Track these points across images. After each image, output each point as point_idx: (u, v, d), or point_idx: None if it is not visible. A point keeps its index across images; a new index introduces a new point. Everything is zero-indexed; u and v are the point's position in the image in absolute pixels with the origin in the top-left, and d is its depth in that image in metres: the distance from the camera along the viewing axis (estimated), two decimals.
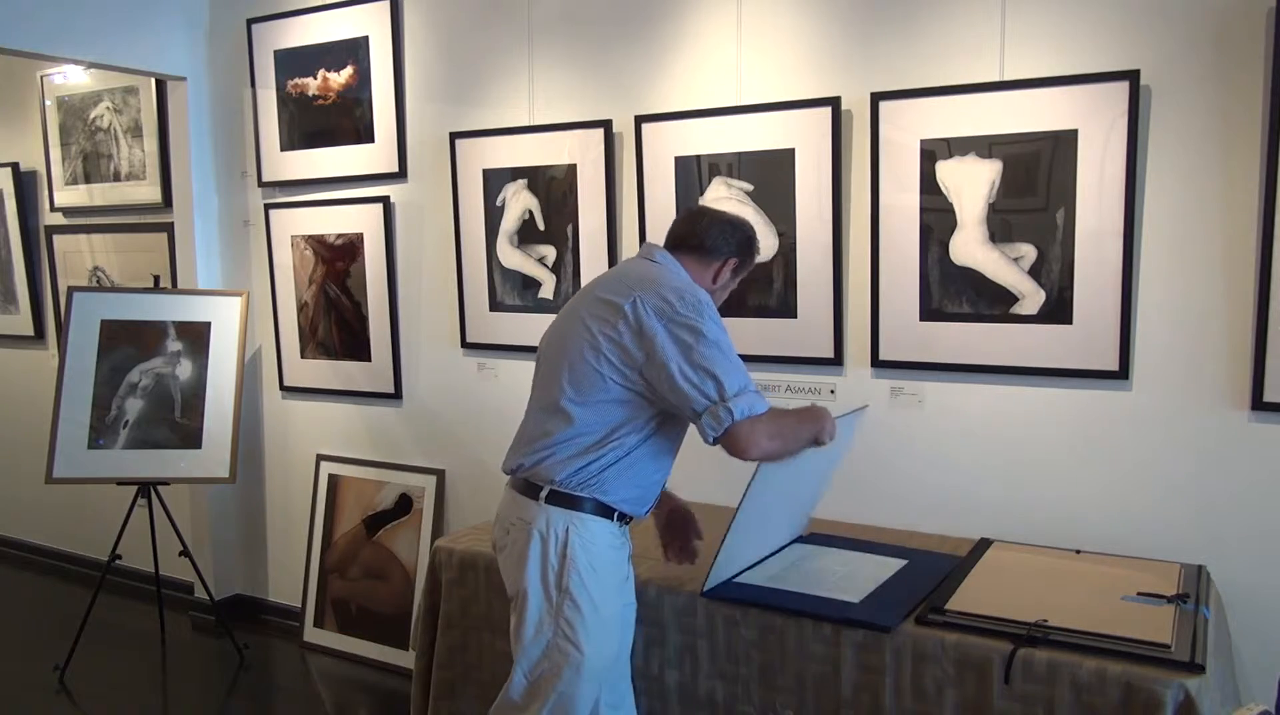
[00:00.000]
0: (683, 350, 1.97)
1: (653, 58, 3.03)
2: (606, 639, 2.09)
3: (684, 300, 2.01)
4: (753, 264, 2.30)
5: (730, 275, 2.23)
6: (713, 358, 1.97)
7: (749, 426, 1.96)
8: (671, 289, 2.03)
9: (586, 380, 2.04)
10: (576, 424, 2.06)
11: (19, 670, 3.75)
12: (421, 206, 3.56)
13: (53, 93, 4.59)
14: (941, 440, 2.71)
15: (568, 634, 2.06)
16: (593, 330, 2.05)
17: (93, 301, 3.78)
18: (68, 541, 4.94)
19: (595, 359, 2.03)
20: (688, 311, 1.99)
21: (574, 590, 2.05)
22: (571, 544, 2.05)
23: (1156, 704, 1.76)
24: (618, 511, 2.11)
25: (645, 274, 2.10)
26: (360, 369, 3.76)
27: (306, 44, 3.69)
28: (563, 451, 2.07)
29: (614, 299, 2.05)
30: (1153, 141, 2.38)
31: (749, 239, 2.25)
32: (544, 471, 2.08)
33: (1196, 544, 2.39)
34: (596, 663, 2.07)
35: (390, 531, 3.72)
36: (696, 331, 1.98)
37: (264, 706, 3.51)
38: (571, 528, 2.06)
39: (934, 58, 2.61)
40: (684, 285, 2.06)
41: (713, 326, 2.00)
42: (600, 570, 2.08)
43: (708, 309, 2.02)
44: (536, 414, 2.15)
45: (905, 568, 2.34)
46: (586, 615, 2.06)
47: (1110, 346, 2.45)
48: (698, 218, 2.25)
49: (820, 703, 2.09)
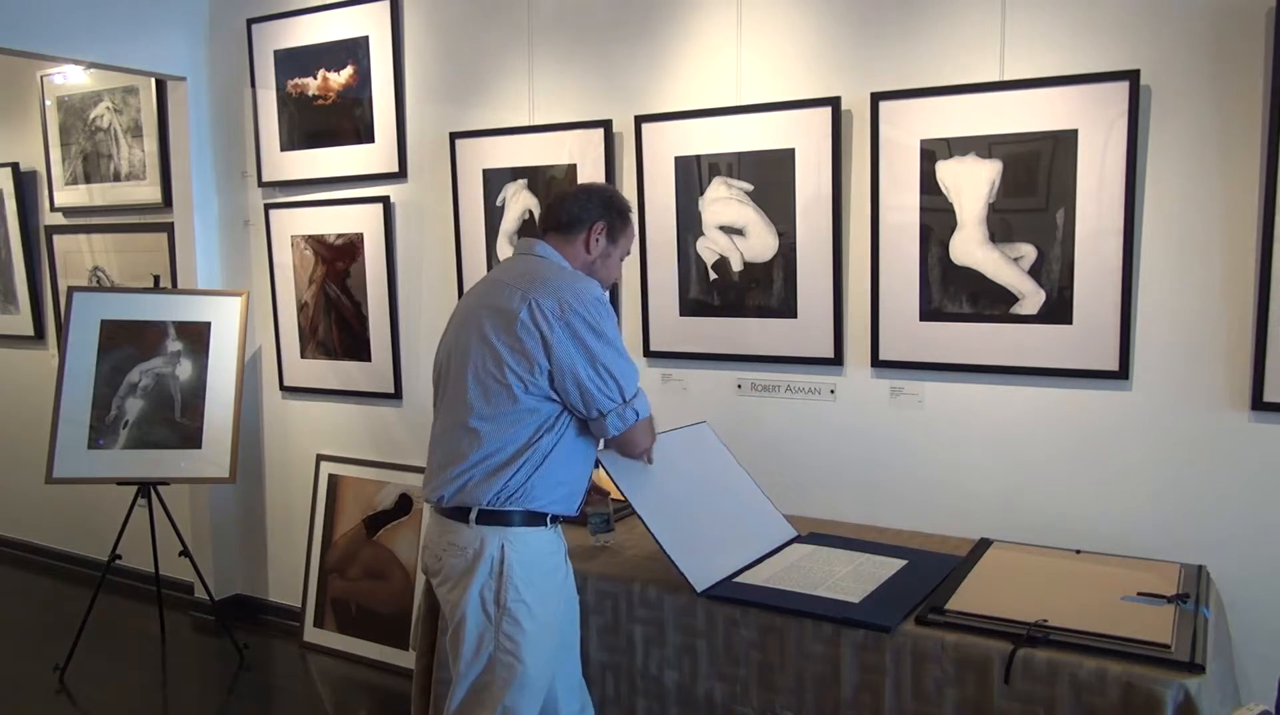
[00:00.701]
0: (585, 353, 2.00)
1: (653, 58, 3.03)
2: (546, 645, 2.11)
3: (580, 299, 2.01)
4: (627, 224, 2.23)
5: (606, 240, 2.19)
6: (612, 359, 2.03)
7: (643, 426, 2.12)
8: (567, 288, 2.03)
9: (493, 394, 2.02)
10: (489, 441, 2.03)
11: (19, 670, 3.75)
12: (421, 206, 3.56)
13: (53, 93, 4.59)
14: (941, 440, 2.71)
15: (509, 648, 2.06)
16: (491, 341, 2.02)
17: (93, 301, 3.78)
18: (68, 541, 4.94)
19: (499, 371, 2.01)
20: (585, 311, 2.00)
21: (512, 606, 2.04)
22: (508, 561, 2.04)
23: (1156, 704, 1.75)
24: (549, 515, 2.10)
25: (532, 272, 2.08)
26: (360, 369, 3.76)
27: (306, 44, 3.69)
28: (480, 471, 2.04)
29: (508, 306, 2.02)
30: (1153, 141, 2.38)
31: (608, 198, 2.21)
32: (467, 496, 2.05)
33: (1196, 544, 2.39)
34: (536, 673, 2.08)
35: (390, 531, 3.72)
36: (597, 331, 2.01)
37: (264, 706, 3.51)
38: (506, 545, 2.05)
39: (934, 58, 2.61)
40: (577, 282, 2.06)
41: (609, 325, 2.04)
42: (538, 581, 2.08)
43: (603, 307, 2.04)
44: (447, 436, 2.10)
45: (905, 568, 2.34)
46: (527, 628, 2.06)
47: (1110, 346, 2.45)
48: (558, 197, 2.24)
49: (820, 703, 2.09)
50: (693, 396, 3.03)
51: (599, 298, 2.05)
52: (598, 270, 2.19)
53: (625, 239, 2.23)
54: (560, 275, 2.07)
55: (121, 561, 3.78)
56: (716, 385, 3.02)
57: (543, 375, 2.01)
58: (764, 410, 2.96)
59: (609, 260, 2.21)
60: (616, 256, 2.23)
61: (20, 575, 4.92)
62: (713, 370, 3.02)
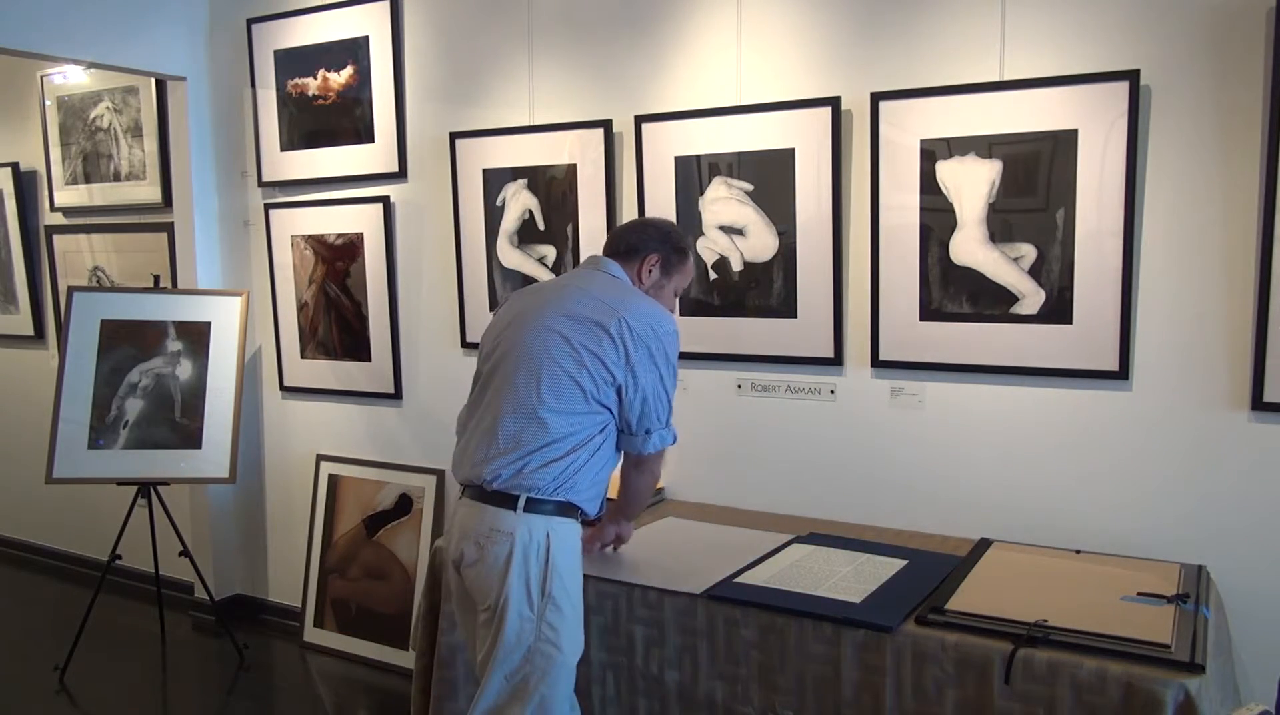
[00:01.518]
0: (657, 376, 2.17)
1: (653, 58, 3.03)
2: (579, 634, 2.17)
3: (664, 327, 2.17)
4: (684, 261, 2.35)
5: (659, 273, 2.31)
6: (672, 385, 2.22)
7: (664, 454, 2.28)
8: (654, 316, 2.17)
9: (565, 390, 2.11)
10: (553, 431, 2.11)
11: (19, 670, 3.75)
12: (421, 206, 3.56)
13: (53, 93, 4.59)
14: (941, 440, 2.71)
15: (550, 637, 2.09)
16: (573, 343, 2.12)
17: (93, 301, 3.78)
18: (68, 541, 4.94)
19: (577, 371, 2.11)
20: (664, 342, 2.16)
21: (556, 595, 2.10)
22: (553, 549, 2.10)
23: (1156, 704, 1.75)
24: (581, 510, 2.19)
25: (619, 291, 2.22)
26: (360, 369, 3.76)
27: (306, 44, 3.69)
28: (538, 459, 2.11)
29: (595, 317, 2.13)
30: (1153, 141, 2.38)
31: (666, 233, 2.34)
32: (522, 480, 2.10)
33: (1196, 544, 2.39)
34: (572, 659, 2.15)
35: (390, 531, 3.72)
36: (668, 361, 2.18)
37: (264, 706, 3.51)
38: (551, 533, 2.11)
39: (934, 58, 2.61)
40: (660, 311, 2.21)
41: (676, 355, 2.21)
42: (575, 569, 2.17)
43: (676, 339, 2.21)
44: (505, 421, 2.13)
45: (905, 568, 2.34)
46: (568, 616, 2.12)
47: (1110, 346, 2.45)
48: (625, 226, 2.41)
49: (820, 703, 2.09)
50: (693, 396, 3.03)
51: (675, 331, 2.20)
52: (662, 302, 2.31)
53: (680, 275, 2.35)
54: (645, 301, 2.21)
55: (121, 561, 3.78)
56: (716, 385, 3.02)
57: (611, 387, 2.13)
58: (764, 410, 2.96)
59: (660, 292, 2.32)
60: (669, 290, 2.34)
61: (20, 575, 4.92)
62: (713, 370, 3.02)
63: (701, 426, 3.00)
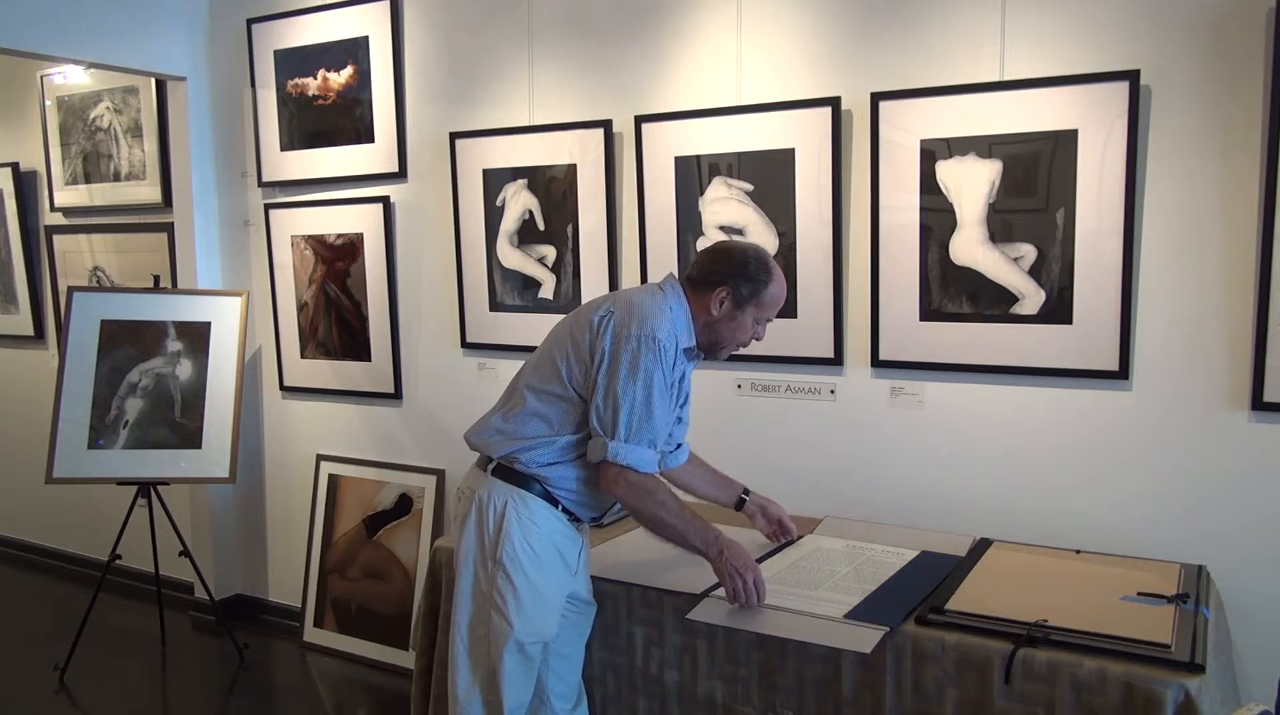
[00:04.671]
0: (613, 373, 2.05)
1: (653, 58, 3.03)
2: (541, 620, 2.15)
3: (644, 333, 2.05)
4: (760, 290, 2.13)
5: (731, 305, 2.13)
6: (627, 393, 2.03)
7: (617, 471, 2.07)
8: (642, 317, 2.07)
9: (546, 371, 2.16)
10: (529, 407, 2.16)
11: (19, 670, 3.75)
12: (421, 206, 3.56)
13: (53, 93, 4.59)
14: (941, 440, 2.71)
15: (499, 605, 2.12)
16: (568, 330, 2.17)
17: (93, 301, 3.78)
18: (68, 541, 4.94)
19: (559, 352, 2.15)
20: (636, 344, 2.04)
21: (506, 563, 2.12)
22: (508, 517, 2.13)
23: (1156, 704, 1.75)
24: (563, 504, 2.18)
25: (637, 298, 2.14)
26: (360, 369, 3.76)
27: (306, 44, 3.69)
28: (515, 431, 2.16)
29: (595, 310, 2.15)
30: (1153, 141, 2.38)
31: (743, 262, 2.13)
32: (489, 446, 2.18)
33: (1196, 544, 2.39)
34: (527, 640, 2.14)
35: (390, 531, 3.72)
36: (635, 366, 2.03)
37: (264, 706, 3.51)
38: (511, 503, 2.14)
39: (934, 58, 2.61)
40: (654, 318, 2.07)
41: (654, 371, 2.03)
42: (541, 553, 2.14)
43: (656, 350, 2.04)
44: (504, 393, 2.27)
45: (905, 568, 2.34)
46: (520, 591, 2.11)
47: (1110, 346, 2.45)
48: (702, 253, 2.25)
49: (821, 703, 2.09)
50: (693, 396, 3.03)
51: (659, 340, 2.04)
52: (720, 329, 2.15)
53: (757, 307, 2.14)
54: (649, 306, 2.10)
55: (121, 561, 3.78)
56: (716, 385, 3.02)
57: (580, 371, 2.11)
58: (764, 410, 2.96)
59: (733, 323, 2.15)
60: (745, 320, 2.15)
61: (20, 575, 4.92)
62: (713, 370, 3.02)
63: (701, 426, 2.99)
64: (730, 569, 2.08)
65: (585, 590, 2.29)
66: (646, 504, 2.09)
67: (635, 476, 2.07)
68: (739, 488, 2.51)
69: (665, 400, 2.08)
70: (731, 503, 2.50)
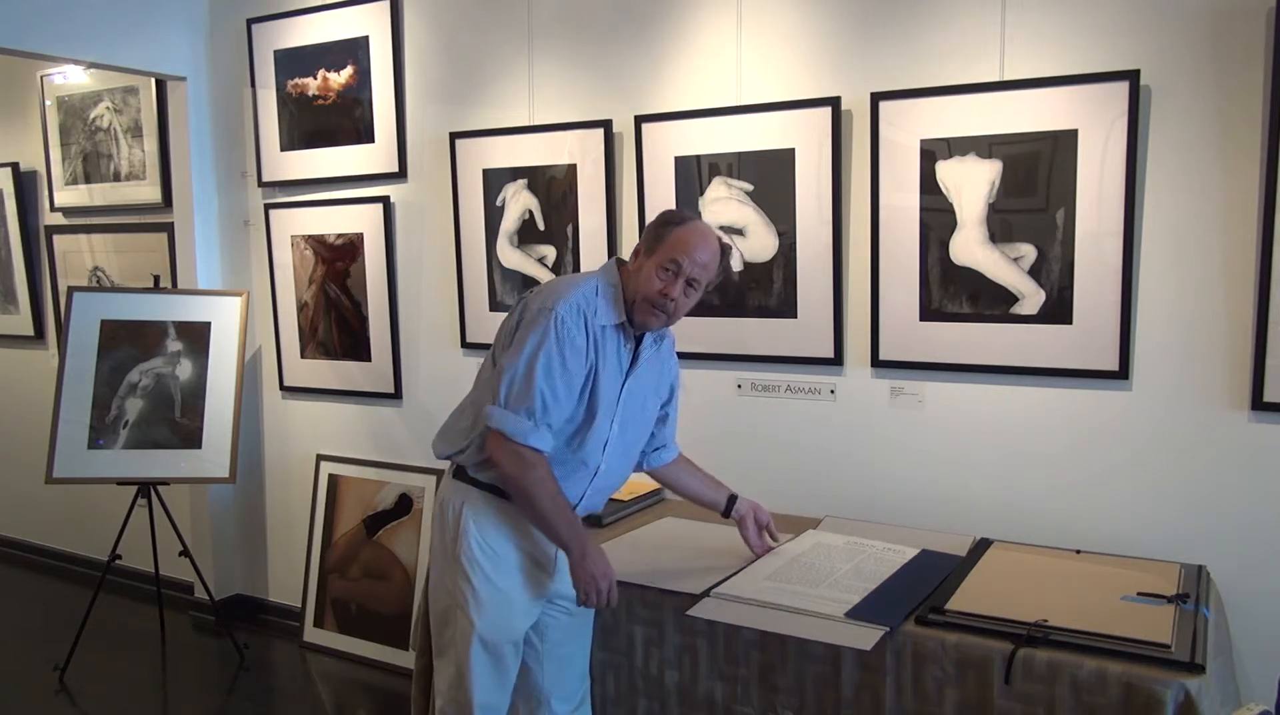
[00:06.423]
0: (527, 348, 2.01)
1: (653, 58, 3.03)
2: (504, 620, 2.15)
3: (543, 307, 2.03)
4: (663, 235, 2.07)
5: (643, 257, 2.09)
6: (513, 365, 2.02)
7: (495, 435, 2.03)
8: (550, 295, 2.06)
9: (485, 367, 2.18)
10: (466, 404, 2.19)
11: (19, 670, 3.75)
12: (421, 206, 3.56)
13: (53, 93, 4.59)
14: (941, 440, 2.71)
15: (462, 605, 2.14)
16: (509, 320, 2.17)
17: (93, 301, 3.78)
18: (68, 541, 4.94)
19: (496, 344, 2.16)
20: (535, 318, 2.03)
21: (465, 564, 2.13)
22: (464, 518, 2.14)
23: (1156, 704, 1.76)
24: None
25: (563, 278, 2.18)
26: (360, 369, 3.76)
27: (306, 44, 3.69)
28: (462, 428, 2.18)
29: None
30: (1153, 141, 2.38)
31: (659, 217, 2.13)
32: (448, 448, 2.20)
33: (1196, 544, 2.39)
34: (491, 640, 2.14)
35: (390, 531, 3.72)
36: (525, 337, 2.02)
37: (264, 706, 3.51)
38: (467, 503, 2.14)
39: (934, 58, 2.61)
40: (562, 295, 2.04)
41: (543, 342, 2.00)
42: (502, 553, 2.14)
43: (558, 325, 2.00)
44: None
45: (905, 567, 2.34)
46: (480, 591, 2.12)
47: (1110, 346, 2.45)
48: None
49: (821, 703, 2.09)
50: (693, 396, 3.03)
51: (556, 312, 2.01)
52: (639, 283, 2.08)
53: (664, 248, 2.06)
54: (564, 283, 2.11)
55: (121, 561, 3.78)
56: (716, 385, 3.02)
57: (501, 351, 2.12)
58: (764, 410, 2.96)
59: (640, 273, 2.09)
60: (650, 267, 2.07)
61: (20, 575, 4.92)
62: (713, 370, 3.02)
63: (701, 427, 3.00)
64: (588, 575, 2.05)
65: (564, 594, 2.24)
66: (521, 477, 2.02)
67: (515, 446, 2.01)
68: (727, 492, 2.46)
69: (552, 372, 2.00)
70: (720, 506, 2.45)
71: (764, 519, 2.46)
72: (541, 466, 2.03)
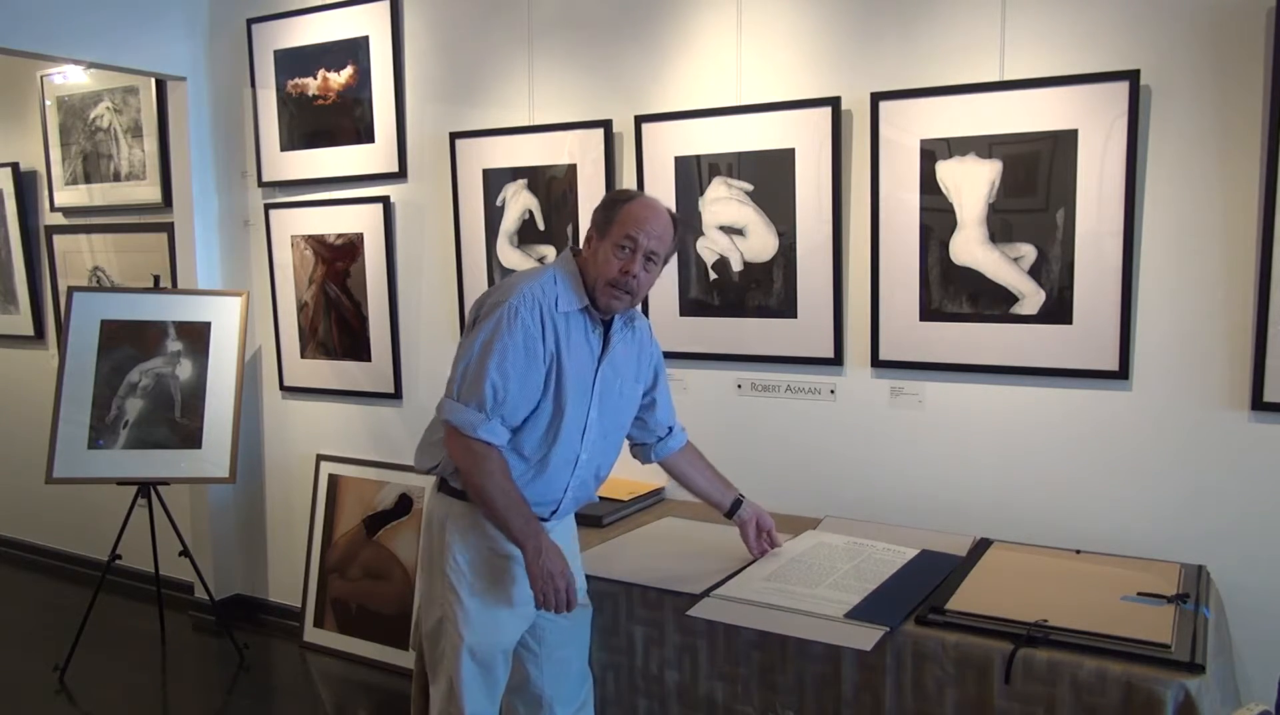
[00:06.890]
0: (481, 339, 2.02)
1: (653, 58, 3.03)
2: (492, 630, 2.14)
3: (499, 301, 2.03)
4: (612, 216, 2.07)
5: (596, 239, 2.08)
6: (466, 358, 2.03)
7: (450, 428, 2.05)
8: (507, 290, 2.05)
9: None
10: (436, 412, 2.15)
11: (19, 670, 3.75)
12: (421, 206, 3.56)
13: (53, 93, 4.59)
14: (941, 440, 2.71)
15: (450, 615, 2.13)
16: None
17: (93, 301, 3.78)
18: (68, 541, 4.94)
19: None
20: (490, 312, 2.04)
21: (450, 575, 2.12)
22: (447, 529, 2.14)
23: (1156, 704, 1.76)
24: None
25: (520, 273, 2.15)
26: (360, 369, 3.76)
27: (306, 44, 3.69)
28: (426, 441, 2.18)
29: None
30: (1153, 141, 2.38)
31: (605, 198, 2.14)
32: (427, 459, 2.19)
33: (1197, 544, 2.39)
34: (481, 652, 2.13)
35: (390, 531, 3.72)
36: (478, 331, 2.03)
37: (264, 706, 3.51)
38: (450, 517, 2.14)
39: (934, 58, 2.61)
40: (517, 289, 2.04)
41: (497, 335, 1.99)
42: (486, 561, 2.13)
43: (510, 316, 2.00)
44: None
45: (906, 566, 2.34)
46: (466, 601, 2.12)
47: (1110, 346, 2.45)
48: None
49: (821, 703, 2.09)
50: (693, 396, 3.03)
51: (510, 305, 2.00)
52: (597, 267, 2.07)
53: (617, 226, 2.05)
54: (521, 277, 2.10)
55: (121, 561, 3.78)
56: (716, 385, 3.02)
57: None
58: (764, 410, 2.96)
59: (596, 257, 2.07)
60: (605, 248, 2.06)
61: (20, 575, 4.92)
62: (713, 370, 3.02)
63: (701, 427, 2.99)
64: (545, 572, 2.00)
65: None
66: (472, 469, 2.02)
67: (467, 439, 2.01)
68: (734, 494, 2.44)
69: (505, 364, 1.99)
70: (725, 507, 2.43)
71: (766, 525, 2.44)
72: (493, 460, 2.02)
